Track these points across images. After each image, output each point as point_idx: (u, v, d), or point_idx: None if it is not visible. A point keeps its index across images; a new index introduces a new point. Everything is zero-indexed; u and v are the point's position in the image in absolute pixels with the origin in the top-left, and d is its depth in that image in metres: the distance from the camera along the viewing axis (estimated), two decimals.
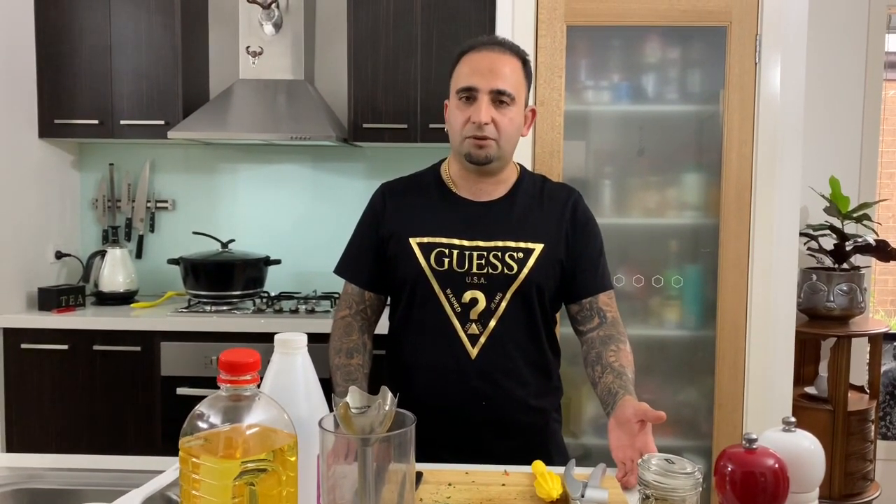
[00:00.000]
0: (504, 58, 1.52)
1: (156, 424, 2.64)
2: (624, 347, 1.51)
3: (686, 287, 2.57)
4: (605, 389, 1.42)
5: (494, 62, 1.50)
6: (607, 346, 1.50)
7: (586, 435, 2.59)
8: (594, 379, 1.48)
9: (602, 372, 1.46)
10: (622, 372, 1.43)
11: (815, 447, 1.05)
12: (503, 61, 1.51)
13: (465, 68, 1.53)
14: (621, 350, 1.50)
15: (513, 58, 1.53)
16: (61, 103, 2.85)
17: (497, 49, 1.53)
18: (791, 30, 2.41)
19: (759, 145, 2.43)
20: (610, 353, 1.48)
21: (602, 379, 1.44)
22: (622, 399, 1.34)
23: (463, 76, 1.52)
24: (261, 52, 2.90)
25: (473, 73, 1.50)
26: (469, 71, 1.51)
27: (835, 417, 2.77)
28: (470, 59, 1.53)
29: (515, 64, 1.53)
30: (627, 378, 1.42)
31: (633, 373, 1.47)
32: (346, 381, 1.49)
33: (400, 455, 0.94)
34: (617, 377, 1.42)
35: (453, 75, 1.57)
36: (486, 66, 1.50)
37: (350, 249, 1.67)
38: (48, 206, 2.97)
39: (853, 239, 2.89)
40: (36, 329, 2.64)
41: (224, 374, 0.86)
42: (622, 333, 1.55)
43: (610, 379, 1.42)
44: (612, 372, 1.44)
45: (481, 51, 1.53)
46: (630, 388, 1.39)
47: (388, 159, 3.11)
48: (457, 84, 1.53)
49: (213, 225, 3.15)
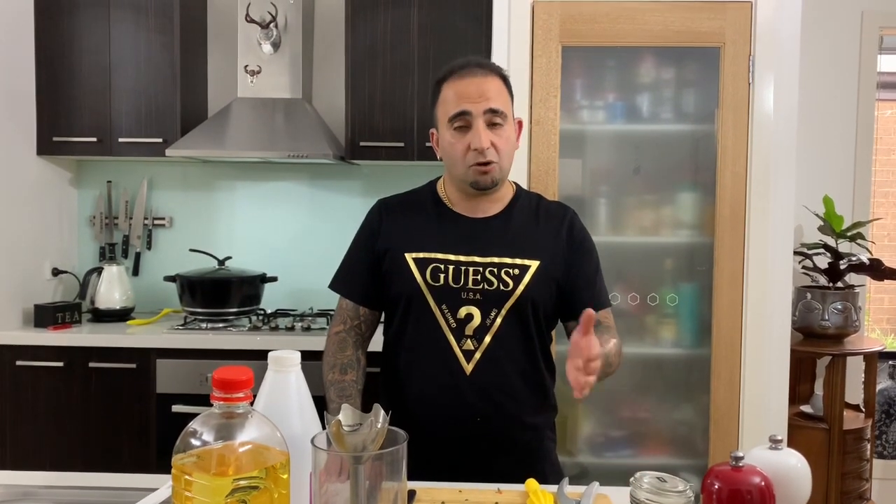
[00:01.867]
0: (487, 78, 1.52)
1: (151, 442, 2.63)
2: (609, 338, 1.49)
3: (681, 305, 2.57)
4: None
5: (480, 84, 1.51)
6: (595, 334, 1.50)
7: (582, 453, 2.58)
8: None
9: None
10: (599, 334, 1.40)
11: (801, 465, 1.05)
12: (487, 81, 1.52)
13: (451, 95, 1.52)
14: (604, 336, 1.45)
15: (494, 76, 1.54)
16: (60, 121, 2.86)
17: (478, 72, 1.53)
18: (784, 50, 2.43)
19: (752, 164, 2.44)
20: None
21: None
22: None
23: (452, 103, 1.51)
24: (259, 71, 2.92)
25: (462, 99, 1.50)
26: (457, 97, 1.51)
27: (830, 436, 2.77)
28: (454, 86, 1.52)
29: (498, 82, 1.54)
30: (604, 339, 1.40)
31: (611, 353, 1.44)
32: (340, 398, 1.50)
33: (392, 473, 0.95)
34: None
35: (438, 104, 1.56)
36: (473, 89, 1.50)
37: (345, 265, 1.68)
38: (45, 222, 2.98)
39: (847, 257, 2.90)
40: (31, 346, 2.63)
41: (217, 392, 0.87)
42: (615, 335, 1.55)
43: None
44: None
45: (464, 76, 1.52)
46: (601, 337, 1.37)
47: (385, 177, 3.12)
48: (447, 112, 1.52)
49: (211, 242, 3.15)
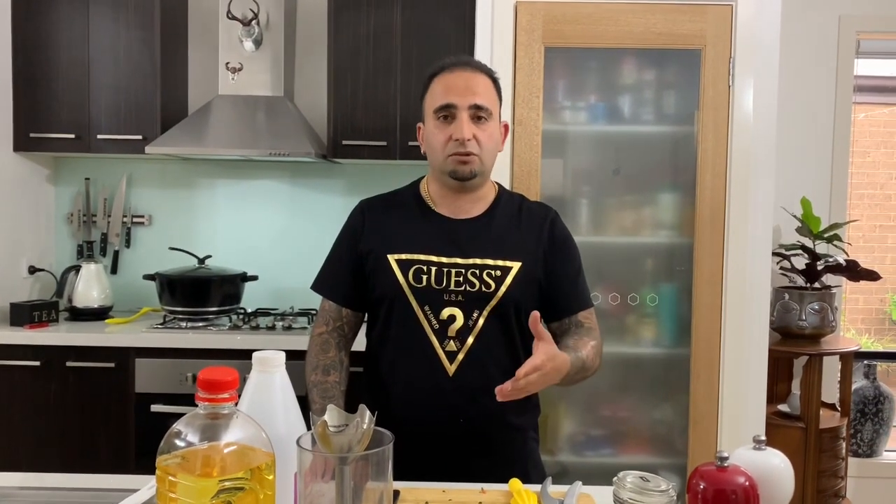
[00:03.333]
0: (477, 76, 1.56)
1: (129, 442, 2.60)
2: (588, 340, 1.54)
3: (661, 305, 2.59)
4: None
5: (469, 80, 1.54)
6: (572, 337, 1.55)
7: (563, 453, 2.60)
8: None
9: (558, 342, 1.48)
10: (572, 347, 1.47)
11: (784, 465, 1.07)
12: (476, 79, 1.55)
13: (439, 88, 1.55)
14: (583, 339, 1.53)
15: (484, 76, 1.58)
16: (38, 117, 2.82)
17: (469, 68, 1.57)
18: (763, 53, 2.46)
19: (732, 166, 2.47)
20: (572, 340, 1.53)
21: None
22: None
23: (439, 95, 1.55)
24: (240, 69, 2.90)
25: (450, 92, 1.53)
26: (445, 90, 1.54)
27: (807, 435, 2.81)
28: (444, 79, 1.56)
29: (487, 82, 1.58)
30: (573, 351, 1.45)
31: (588, 356, 1.49)
32: (323, 399, 1.49)
33: (377, 473, 0.95)
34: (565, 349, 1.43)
35: (427, 97, 1.59)
36: (461, 84, 1.53)
37: (328, 266, 1.67)
38: (22, 220, 2.94)
39: (824, 259, 2.94)
40: (7, 345, 2.59)
41: (202, 392, 0.86)
42: (595, 337, 1.58)
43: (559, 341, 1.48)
44: (564, 345, 1.48)
45: (454, 71, 1.56)
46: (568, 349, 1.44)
47: (367, 176, 3.12)
48: (433, 104, 1.56)
49: (191, 241, 3.13)
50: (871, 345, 5.28)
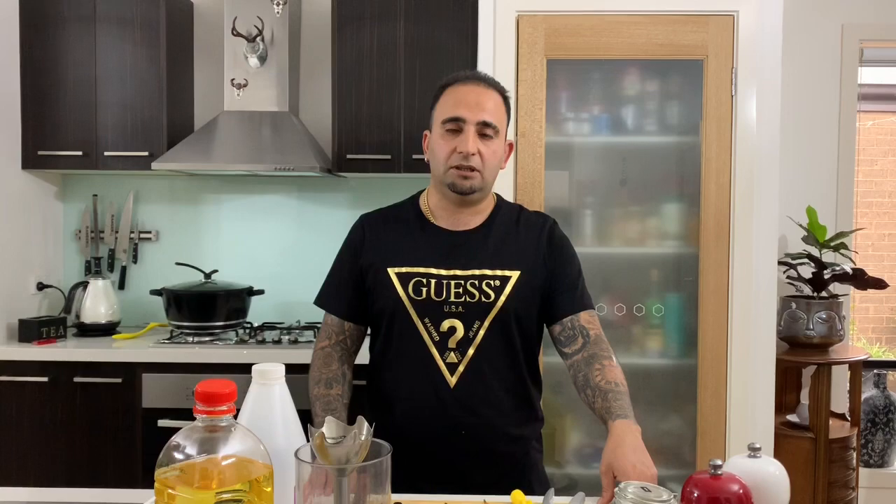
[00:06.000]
0: (488, 92, 1.57)
1: (136, 457, 2.61)
2: (609, 363, 1.50)
3: (667, 316, 2.58)
4: (599, 416, 1.42)
5: (480, 95, 1.55)
6: (591, 367, 1.49)
7: (570, 465, 2.58)
8: (589, 403, 1.47)
9: (593, 395, 1.45)
10: (608, 390, 1.43)
11: (779, 473, 1.07)
12: (488, 95, 1.56)
13: (450, 100, 1.56)
14: (605, 367, 1.48)
15: (496, 93, 1.58)
16: (45, 134, 2.85)
17: (482, 84, 1.58)
18: (766, 63, 2.46)
19: (736, 176, 2.47)
20: (595, 373, 1.47)
21: (594, 404, 1.44)
22: (611, 427, 1.34)
23: (449, 107, 1.55)
24: (245, 85, 2.92)
25: (460, 105, 1.54)
26: (455, 103, 1.55)
27: (817, 445, 2.78)
28: (455, 92, 1.56)
29: (498, 99, 1.58)
30: (615, 395, 1.42)
31: (624, 384, 1.46)
32: (326, 412, 1.49)
33: (376, 485, 0.95)
34: (604, 399, 1.41)
35: (436, 107, 1.60)
36: (472, 98, 1.54)
37: (330, 281, 1.68)
38: (30, 237, 2.96)
39: (831, 267, 2.92)
40: (15, 361, 2.61)
41: (200, 405, 0.87)
42: (606, 350, 1.53)
43: (599, 403, 1.43)
44: (601, 394, 1.43)
45: (467, 84, 1.57)
46: (618, 407, 1.39)
47: (372, 190, 3.13)
48: (442, 115, 1.56)
49: (197, 256, 3.15)
50: (883, 354, 5.24)
